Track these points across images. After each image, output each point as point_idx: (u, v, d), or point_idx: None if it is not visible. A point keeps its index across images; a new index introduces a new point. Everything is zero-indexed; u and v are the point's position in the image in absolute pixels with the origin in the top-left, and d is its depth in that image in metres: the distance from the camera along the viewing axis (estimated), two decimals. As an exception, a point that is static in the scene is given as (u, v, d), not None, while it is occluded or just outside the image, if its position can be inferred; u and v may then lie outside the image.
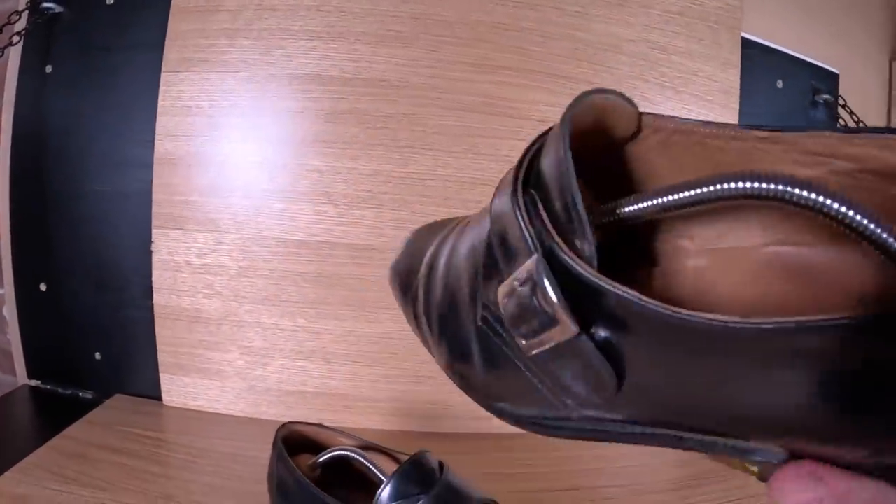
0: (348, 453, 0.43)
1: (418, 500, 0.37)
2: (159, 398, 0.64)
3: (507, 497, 0.53)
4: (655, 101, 0.64)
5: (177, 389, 0.63)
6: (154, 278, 0.61)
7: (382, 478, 0.39)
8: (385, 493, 0.37)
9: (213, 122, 0.60)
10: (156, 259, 0.61)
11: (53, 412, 0.63)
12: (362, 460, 0.42)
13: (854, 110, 0.73)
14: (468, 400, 0.61)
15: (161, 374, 0.63)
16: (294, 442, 0.47)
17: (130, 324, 0.64)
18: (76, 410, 0.60)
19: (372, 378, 0.60)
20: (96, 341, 0.65)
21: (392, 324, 0.59)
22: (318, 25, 0.58)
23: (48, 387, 0.65)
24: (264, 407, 0.62)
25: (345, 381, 0.60)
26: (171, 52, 0.61)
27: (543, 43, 0.58)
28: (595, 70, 0.60)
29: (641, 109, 0.18)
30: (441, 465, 0.41)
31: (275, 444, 0.45)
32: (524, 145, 0.20)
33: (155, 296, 0.62)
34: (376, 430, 0.61)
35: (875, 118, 0.79)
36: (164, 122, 0.61)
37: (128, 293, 0.63)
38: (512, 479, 0.55)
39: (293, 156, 0.58)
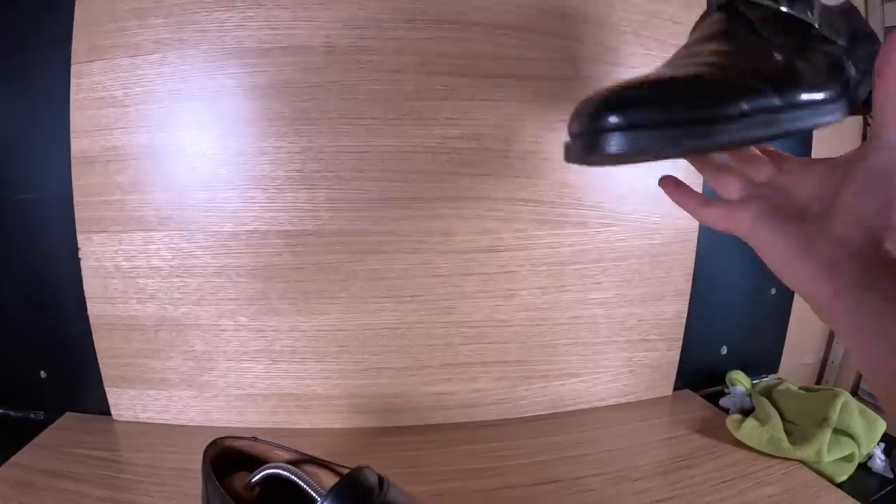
0: (281, 471, 0.36)
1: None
2: (109, 413, 0.57)
3: (475, 497, 0.46)
4: (613, 46, 0.55)
5: (124, 403, 0.56)
6: (85, 287, 0.54)
7: (317, 497, 0.33)
8: None
9: (128, 112, 0.52)
10: (85, 266, 0.54)
11: (6, 435, 0.56)
12: (296, 479, 0.36)
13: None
14: (433, 390, 0.53)
15: (107, 388, 0.56)
16: (229, 459, 0.41)
17: (70, 337, 0.56)
18: (29, 432, 0.53)
19: (324, 375, 0.53)
20: (39, 359, 0.58)
21: (339, 314, 0.51)
22: (231, -7, 0.50)
23: (-2, 411, 0.59)
24: (215, 414, 0.54)
25: (295, 380, 0.53)
26: (80, 41, 0.52)
27: (483, -10, 0.50)
28: (543, 18, 0.51)
29: (602, 59, 0.27)
30: (382, 481, 0.35)
31: (203, 464, 0.38)
32: (469, 105, 0.19)
33: (89, 306, 0.54)
34: (336, 430, 0.54)
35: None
36: (78, 118, 0.53)
37: (63, 306, 0.56)
38: (482, 475, 0.48)
39: (214, 140, 0.50)
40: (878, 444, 0.60)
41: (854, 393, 0.77)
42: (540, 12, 0.51)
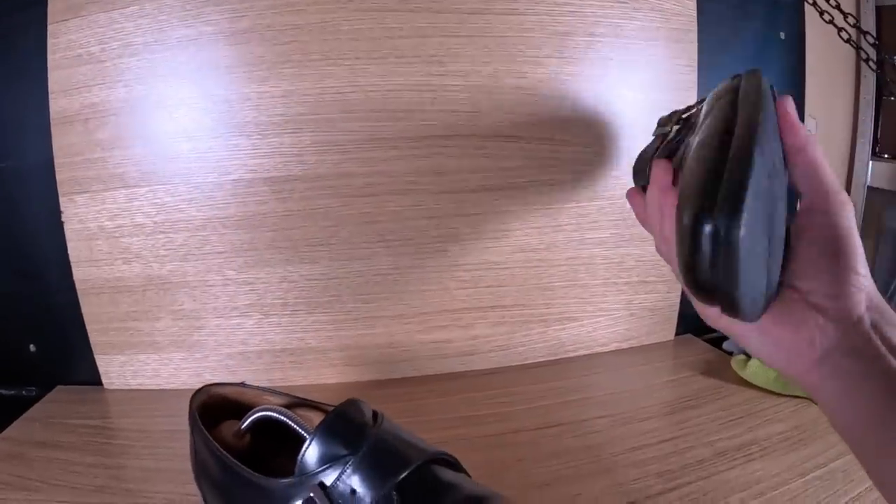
0: (270, 413, 0.34)
1: (346, 463, 0.28)
2: (100, 383, 0.54)
3: (478, 443, 0.44)
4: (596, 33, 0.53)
5: (115, 370, 0.54)
6: (70, 251, 0.52)
7: (307, 436, 0.30)
8: (307, 454, 0.29)
9: (105, 67, 0.50)
10: (68, 230, 0.52)
11: (-1, 413, 0.54)
12: (285, 419, 0.33)
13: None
14: (429, 338, 0.51)
15: (96, 356, 0.54)
16: (218, 407, 0.38)
17: (57, 307, 0.54)
18: (21, 409, 0.51)
19: (316, 327, 0.50)
20: (28, 333, 0.56)
21: (329, 261, 0.49)
22: (207, -60, 0.48)
23: (-14, 387, 0.56)
24: (207, 375, 0.52)
25: (287, 334, 0.51)
26: (57, 1, 0.51)
27: (464, -74, 0.48)
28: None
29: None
30: (376, 415, 0.31)
31: (190, 413, 0.36)
32: (453, 42, 0.22)
33: (74, 271, 0.52)
34: (332, 385, 0.52)
35: (844, 2, 0.68)
36: (56, 78, 0.51)
37: (48, 274, 0.54)
38: (484, 421, 0.46)
39: (194, 88, 0.48)
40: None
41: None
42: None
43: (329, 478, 0.28)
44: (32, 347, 0.56)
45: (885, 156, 0.71)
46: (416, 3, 0.48)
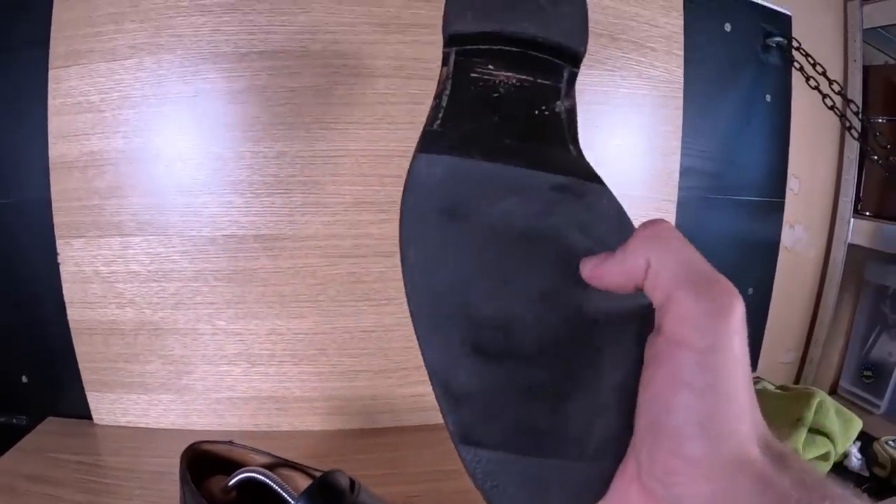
0: (256, 475, 0.37)
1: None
2: (90, 417, 0.56)
3: (453, 498, 0.45)
4: (590, 50, 0.54)
5: (105, 407, 0.55)
6: (65, 292, 0.53)
7: (291, 501, 0.34)
8: None
9: (105, 117, 0.51)
10: (64, 271, 0.53)
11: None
12: (270, 483, 0.36)
13: (815, 58, 0.63)
14: (410, 392, 0.52)
15: (87, 392, 0.55)
16: (206, 462, 0.41)
17: (50, 342, 0.55)
18: (11, 437, 0.52)
19: (302, 377, 0.52)
20: (21, 364, 0.57)
21: (316, 317, 0.51)
22: (207, -2, 0.49)
23: (-22, 417, 0.58)
24: (195, 417, 0.53)
25: (274, 382, 0.52)
26: (58, 45, 0.51)
27: (457, -5, 0.49)
28: (516, 21, 0.50)
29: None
30: (353, 484, 0.36)
31: (180, 468, 0.38)
32: None
33: (68, 311, 0.53)
34: (316, 432, 0.53)
35: (831, 63, 0.69)
36: (56, 123, 0.52)
37: (43, 310, 0.55)
38: (460, 475, 0.47)
39: (191, 144, 0.49)
40: (854, 442, 0.59)
41: (833, 391, 0.76)
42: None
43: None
44: (24, 378, 0.57)
45: (867, 213, 0.72)
46: (410, 70, 0.49)
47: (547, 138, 0.22)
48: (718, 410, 0.16)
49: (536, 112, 0.22)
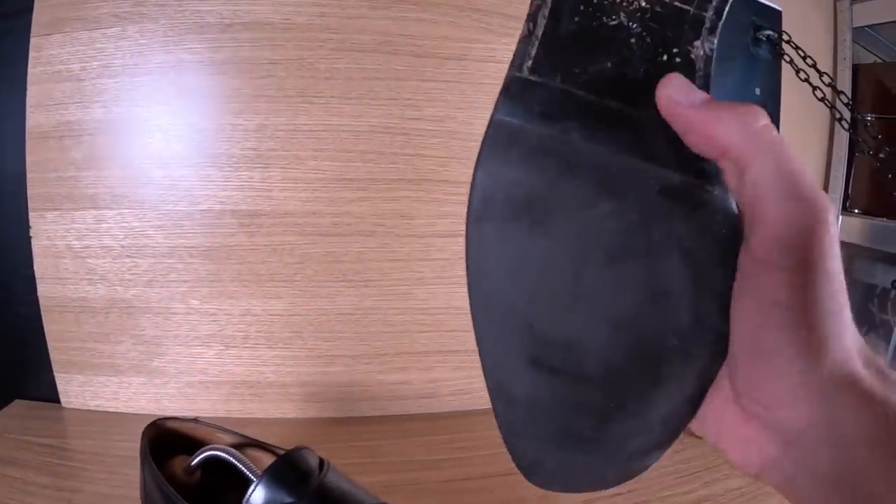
0: (219, 453, 0.34)
1: (289, 508, 0.28)
2: (59, 400, 0.53)
3: (433, 488, 0.42)
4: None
5: (74, 389, 0.52)
6: (36, 267, 0.50)
7: (254, 479, 0.31)
8: (253, 498, 0.30)
9: (84, 86, 0.48)
10: (36, 246, 0.50)
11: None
12: (233, 461, 0.33)
13: (805, 51, 0.62)
14: (389, 379, 0.49)
15: (56, 374, 0.52)
16: (170, 441, 0.38)
17: (20, 321, 0.53)
18: None
19: (277, 361, 0.49)
20: (-10, 343, 0.54)
21: (293, 298, 0.48)
22: (193, -32, 0.47)
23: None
24: (165, 402, 0.51)
25: (248, 366, 0.49)
26: (42, 13, 0.49)
27: (448, -29, 0.47)
28: (509, 0, 0.49)
29: None
30: (323, 463, 0.33)
31: (141, 446, 0.35)
32: (430, 87, 0.23)
33: (39, 287, 0.51)
34: (290, 419, 0.50)
35: (820, 61, 0.68)
36: (34, 92, 0.49)
37: (13, 287, 0.52)
38: (440, 465, 0.44)
39: (170, 116, 0.47)
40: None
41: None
42: (506, -4, 0.48)
43: (273, 522, 0.27)
44: (-6, 358, 0.54)
45: (856, 211, 0.70)
46: (396, 46, 0.47)
47: None
48: (815, 328, 0.14)
49: (665, 56, 0.16)
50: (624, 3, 0.16)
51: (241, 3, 0.47)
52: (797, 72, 0.72)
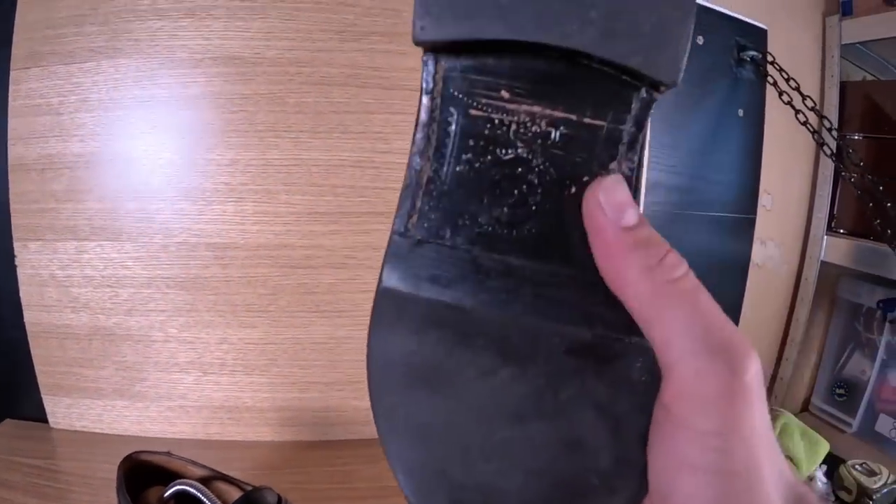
0: (188, 489, 0.37)
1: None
2: (47, 420, 0.55)
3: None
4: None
5: (61, 411, 0.54)
6: (21, 295, 0.52)
7: None
8: None
9: (62, 120, 0.49)
10: (21, 274, 0.52)
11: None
12: (200, 496, 0.37)
13: (788, 73, 0.61)
14: (363, 405, 0.50)
15: (44, 396, 0.54)
16: (145, 472, 0.41)
17: (8, 344, 0.54)
18: None
19: (254, 387, 0.50)
20: (-19, 364, 0.56)
21: (268, 327, 0.49)
22: (165, 2, 0.48)
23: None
24: (147, 424, 0.52)
25: (226, 392, 0.51)
26: (20, 46, 0.50)
27: (416, 3, 0.47)
28: (478, 30, 0.49)
29: None
30: (280, 500, 0.36)
31: (117, 478, 0.38)
32: (399, 119, 0.15)
33: (25, 314, 0.52)
34: (267, 442, 0.52)
35: (808, 78, 0.67)
36: (14, 125, 0.50)
37: (2, 312, 0.54)
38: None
39: (145, 150, 0.48)
40: (820, 465, 0.58)
41: (805, 409, 0.74)
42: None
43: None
44: (-16, 378, 0.56)
45: (841, 231, 0.70)
46: (364, 79, 0.47)
47: (583, 244, 0.14)
48: (729, 493, 0.13)
49: (574, 188, 0.14)
50: (521, 131, 0.14)
51: (212, 38, 0.47)
52: (780, 94, 0.71)
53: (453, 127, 0.14)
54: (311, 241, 0.48)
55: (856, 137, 0.68)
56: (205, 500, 0.36)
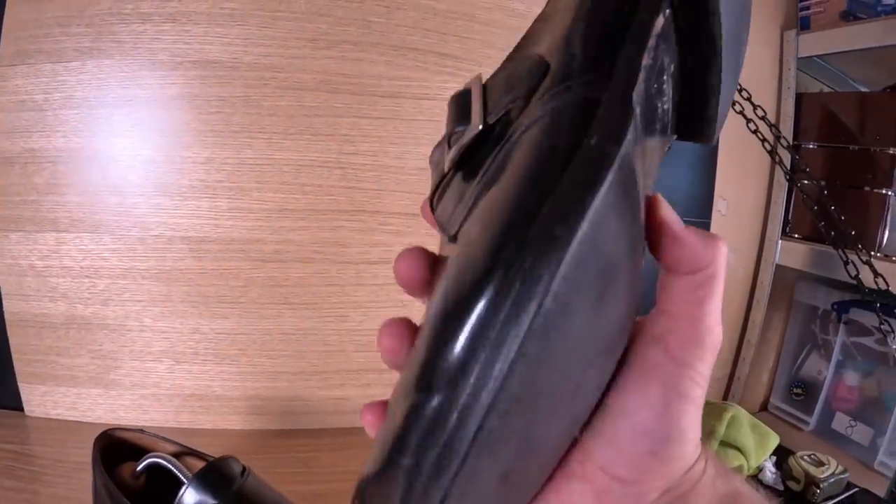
0: (159, 460, 0.39)
1: (212, 505, 0.34)
2: (23, 409, 0.56)
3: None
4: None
5: (36, 399, 0.56)
6: (1, 284, 0.54)
7: (185, 480, 0.36)
8: (184, 497, 0.35)
9: (46, 116, 0.52)
10: (1, 264, 0.53)
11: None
12: (170, 466, 0.38)
13: (742, 84, 0.65)
14: (329, 395, 0.53)
15: (20, 384, 0.55)
16: (119, 450, 0.42)
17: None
18: None
19: (224, 377, 0.52)
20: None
21: (238, 318, 0.51)
22: (149, 7, 0.50)
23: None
24: (121, 412, 0.54)
25: (197, 380, 0.53)
26: (8, 45, 0.53)
27: (387, 13, 0.50)
28: (444, 40, 0.52)
29: None
30: (244, 471, 0.38)
31: (93, 453, 0.40)
32: (365, 123, 0.16)
33: (4, 302, 0.54)
34: (236, 430, 0.54)
35: (765, 90, 0.71)
36: (0, 119, 0.53)
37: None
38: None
39: (125, 147, 0.50)
40: (769, 457, 0.60)
41: (764, 408, 0.77)
42: (441, 36, 0.52)
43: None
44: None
45: (796, 235, 0.73)
46: (335, 84, 0.50)
47: None
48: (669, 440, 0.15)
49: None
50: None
51: (192, 42, 0.50)
52: (733, 104, 0.75)
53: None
54: (281, 236, 0.50)
55: (811, 146, 0.72)
56: (176, 471, 0.38)
